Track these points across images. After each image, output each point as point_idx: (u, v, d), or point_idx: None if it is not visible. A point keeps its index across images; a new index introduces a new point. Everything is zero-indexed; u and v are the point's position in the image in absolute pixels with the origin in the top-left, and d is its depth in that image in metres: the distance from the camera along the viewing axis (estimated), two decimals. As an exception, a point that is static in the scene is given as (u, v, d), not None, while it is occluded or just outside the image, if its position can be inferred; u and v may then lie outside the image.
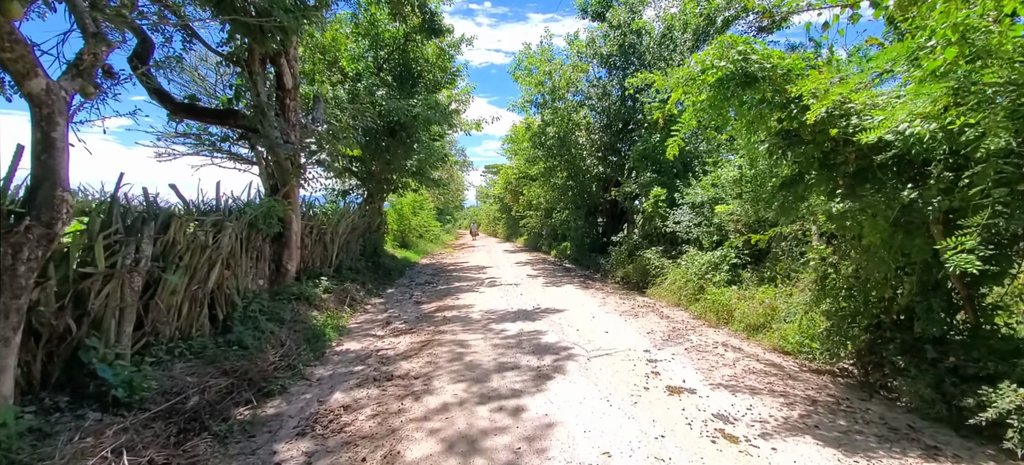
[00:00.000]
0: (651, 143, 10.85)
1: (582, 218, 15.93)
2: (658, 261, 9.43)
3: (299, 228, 8.31)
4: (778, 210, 4.58)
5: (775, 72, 4.38)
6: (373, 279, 12.57)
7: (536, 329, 6.94)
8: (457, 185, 39.04)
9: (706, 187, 8.80)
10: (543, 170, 16.45)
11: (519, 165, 19.61)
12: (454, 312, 8.46)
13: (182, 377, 4.57)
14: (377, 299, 10.25)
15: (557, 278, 12.84)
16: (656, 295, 9.09)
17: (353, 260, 12.65)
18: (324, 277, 9.42)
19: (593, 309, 8.29)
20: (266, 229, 6.83)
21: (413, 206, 24.39)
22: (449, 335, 6.76)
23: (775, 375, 4.72)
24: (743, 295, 6.82)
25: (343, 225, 11.04)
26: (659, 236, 10.48)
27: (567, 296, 9.77)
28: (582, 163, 14.34)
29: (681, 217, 9.23)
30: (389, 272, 14.55)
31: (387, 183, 15.84)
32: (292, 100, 8.51)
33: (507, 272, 14.53)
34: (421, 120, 13.31)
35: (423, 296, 10.46)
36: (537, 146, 15.02)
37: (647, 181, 10.54)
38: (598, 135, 13.84)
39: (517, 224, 32.79)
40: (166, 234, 4.60)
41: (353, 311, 8.80)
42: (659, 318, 7.36)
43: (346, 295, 9.38)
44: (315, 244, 9.81)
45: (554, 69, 14.04)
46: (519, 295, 10.01)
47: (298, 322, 7.22)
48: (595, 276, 13.25)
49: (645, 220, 11.03)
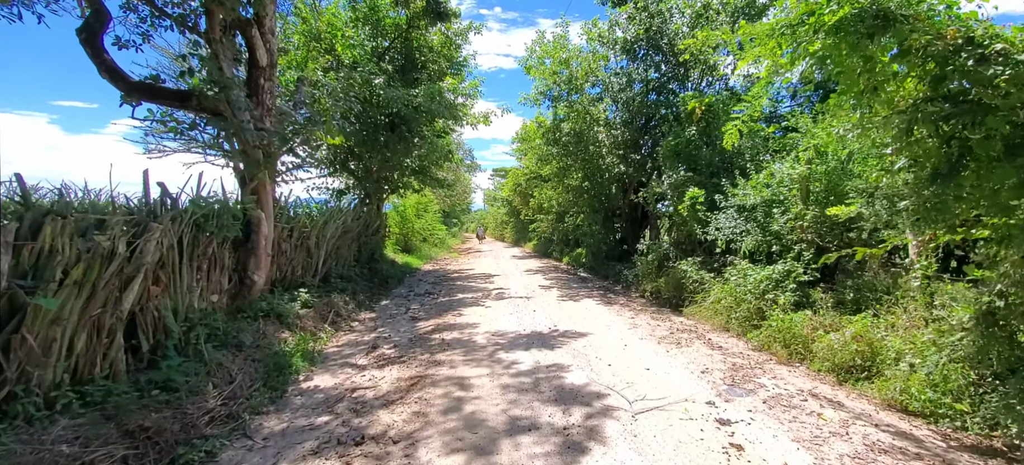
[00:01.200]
0: (684, 138, 9.40)
1: (599, 223, 14.49)
2: (697, 274, 7.96)
3: (271, 231, 6.97)
4: (926, 212, 3.12)
5: (921, 12, 2.96)
6: (367, 289, 11.22)
7: (556, 362, 5.50)
8: (463, 187, 37.72)
9: (758, 187, 7.33)
10: (556, 170, 15.04)
11: (529, 165, 18.22)
12: (455, 333, 7.06)
13: (56, 446, 3.20)
14: (368, 313, 8.88)
15: (573, 290, 11.39)
16: (696, 316, 7.61)
17: (345, 267, 11.31)
18: (304, 289, 8.07)
19: (623, 333, 6.84)
20: (217, 232, 5.48)
21: (417, 208, 23.08)
22: (446, 369, 5.35)
23: (916, 456, 3.25)
24: (821, 324, 5.34)
25: (332, 228, 9.70)
26: (695, 244, 9.00)
27: (588, 314, 8.32)
28: (601, 161, 12.91)
29: (725, 222, 7.76)
30: (387, 280, 13.20)
31: (387, 183, 14.51)
32: (267, 80, 7.18)
33: (517, 282, 13.10)
34: (423, 112, 11.97)
35: (421, 310, 9.06)
36: (551, 143, 13.61)
37: (680, 180, 9.09)
38: (619, 131, 12.40)
39: (526, 228, 31.37)
40: (37, 240, 3.24)
41: (335, 330, 7.42)
42: (709, 349, 5.89)
43: (330, 310, 8.01)
44: (296, 250, 8.47)
45: (572, 56, 12.63)
46: (532, 312, 8.58)
47: (262, 348, 5.85)
48: (616, 288, 11.78)
49: (676, 225, 9.56)
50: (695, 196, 8.50)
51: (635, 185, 14.38)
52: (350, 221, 11.32)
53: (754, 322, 6.21)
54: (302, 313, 7.35)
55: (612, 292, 11.03)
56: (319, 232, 9.25)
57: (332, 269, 10.28)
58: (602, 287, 11.86)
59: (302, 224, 8.45)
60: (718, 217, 8.02)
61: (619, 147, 12.51)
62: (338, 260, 10.92)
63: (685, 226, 9.06)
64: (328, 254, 9.92)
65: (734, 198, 7.88)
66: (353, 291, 10.14)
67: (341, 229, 10.31)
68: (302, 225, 8.46)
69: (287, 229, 8.09)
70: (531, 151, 17.41)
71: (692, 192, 8.55)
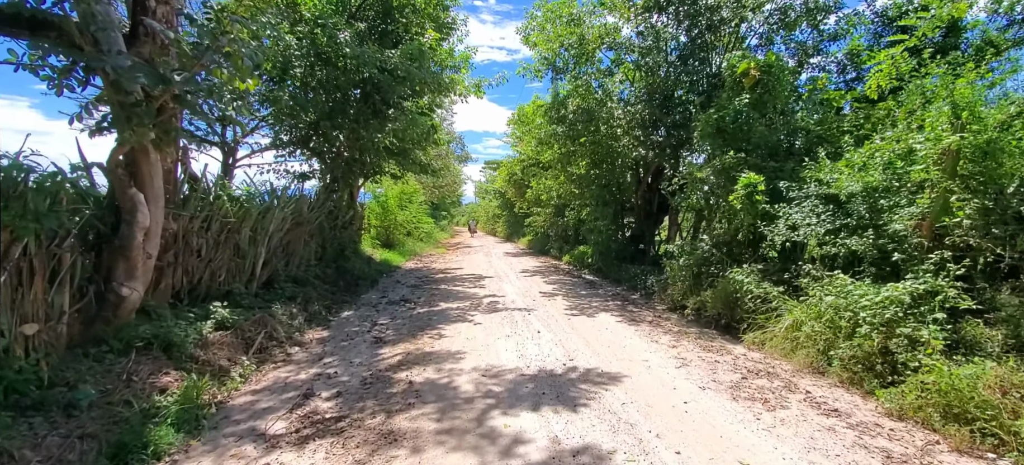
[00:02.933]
0: (731, 110, 7.31)
1: (610, 217, 12.41)
2: (758, 288, 5.88)
3: (158, 221, 4.74)
4: None
5: None
6: (329, 294, 9.03)
7: (586, 439, 3.40)
8: (453, 177, 35.45)
9: (851, 171, 5.27)
10: (559, 155, 12.90)
11: (527, 150, 16.05)
12: (429, 370, 4.91)
13: None
14: (319, 331, 6.71)
15: (582, 299, 9.29)
16: (764, 347, 5.55)
17: (301, 267, 9.11)
18: (225, 301, 5.86)
19: (671, 375, 4.76)
20: (21, 222, 3.26)
21: (400, 199, 20.84)
22: (405, 453, 3.22)
23: None
24: (1018, 385, 3.28)
25: (276, 219, 7.48)
26: (748, 246, 6.94)
27: (612, 338, 6.23)
28: (614, 144, 10.79)
29: (801, 217, 5.71)
30: (357, 282, 11.02)
31: (359, 165, 12.26)
32: (161, 3, 4.95)
33: (512, 286, 10.97)
34: (401, 78, 9.74)
35: (390, 327, 6.91)
36: (554, 121, 11.46)
37: (729, 163, 7.00)
38: (638, 107, 10.28)
39: (520, 222, 29.23)
40: None
41: (261, 363, 5.24)
42: (820, 414, 3.82)
43: (261, 330, 5.82)
44: (218, 247, 6.24)
45: (584, 13, 10.44)
46: (535, 333, 6.47)
47: (116, 406, 3.68)
48: (633, 296, 9.71)
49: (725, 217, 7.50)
50: (751, 183, 6.42)
51: (652, 172, 12.31)
52: (307, 211, 9.10)
53: (879, 369, 4.14)
54: (213, 338, 5.16)
55: (631, 303, 8.95)
56: (256, 224, 7.03)
57: (279, 272, 8.06)
58: (617, 295, 9.77)
59: (226, 213, 6.21)
60: (791, 210, 5.95)
61: (637, 126, 10.40)
62: (290, 259, 8.71)
63: (735, 221, 6.99)
64: (272, 252, 7.71)
65: (811, 185, 5.81)
66: (306, 299, 7.95)
67: (289, 222, 8.09)
68: (226, 214, 6.22)
69: (201, 219, 5.86)
70: (528, 134, 15.28)
71: (747, 178, 6.47)
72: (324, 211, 10.44)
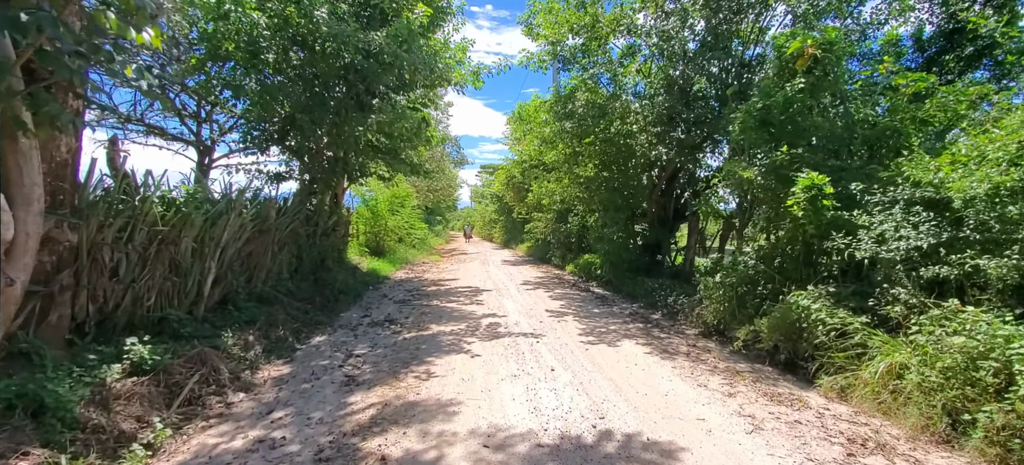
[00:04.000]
0: (782, 97, 6.06)
1: (622, 224, 11.14)
2: (831, 316, 4.61)
3: (17, 233, 3.40)
4: None
5: None
6: (300, 315, 7.70)
7: None
8: (449, 180, 34.14)
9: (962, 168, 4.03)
10: (564, 156, 11.64)
11: (528, 149, 14.77)
12: (412, 434, 3.59)
13: None
14: (277, 368, 5.37)
15: (597, 319, 8.00)
16: (853, 397, 4.27)
17: (268, 283, 7.78)
18: (143, 338, 4.50)
19: (745, 447, 3.47)
20: None
21: (391, 203, 19.50)
22: None
23: None
24: None
25: (230, 228, 6.14)
26: (806, 262, 5.68)
27: (647, 379, 4.94)
28: (631, 141, 9.53)
29: (896, 227, 4.46)
30: (338, 298, 9.69)
31: (342, 165, 10.94)
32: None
33: (514, 302, 9.67)
34: (387, 64, 8.46)
35: (366, 361, 5.58)
36: (561, 117, 10.19)
37: (780, 162, 5.75)
38: (658, 99, 9.04)
39: (518, 228, 27.94)
40: None
41: (182, 426, 3.89)
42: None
43: (194, 372, 4.48)
44: (143, 265, 4.90)
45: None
46: (548, 371, 5.17)
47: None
48: (652, 315, 8.44)
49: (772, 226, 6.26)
50: (815, 184, 5.17)
51: (668, 175, 11.07)
52: (277, 216, 7.78)
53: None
54: (120, 389, 3.82)
55: (654, 325, 7.67)
56: (202, 234, 5.69)
57: (238, 289, 6.72)
58: (635, 315, 8.48)
59: (152, 220, 4.87)
60: (873, 219, 4.70)
61: (657, 122, 9.15)
62: (255, 274, 7.38)
63: (788, 232, 5.74)
64: (227, 267, 6.37)
65: (903, 187, 4.57)
66: (270, 322, 6.63)
67: (253, 228, 6.76)
68: (153, 222, 4.88)
69: (116, 228, 4.52)
70: (530, 134, 14.04)
71: (808, 179, 5.22)
72: (300, 216, 9.12)
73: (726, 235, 9.18)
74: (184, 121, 10.93)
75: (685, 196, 11.67)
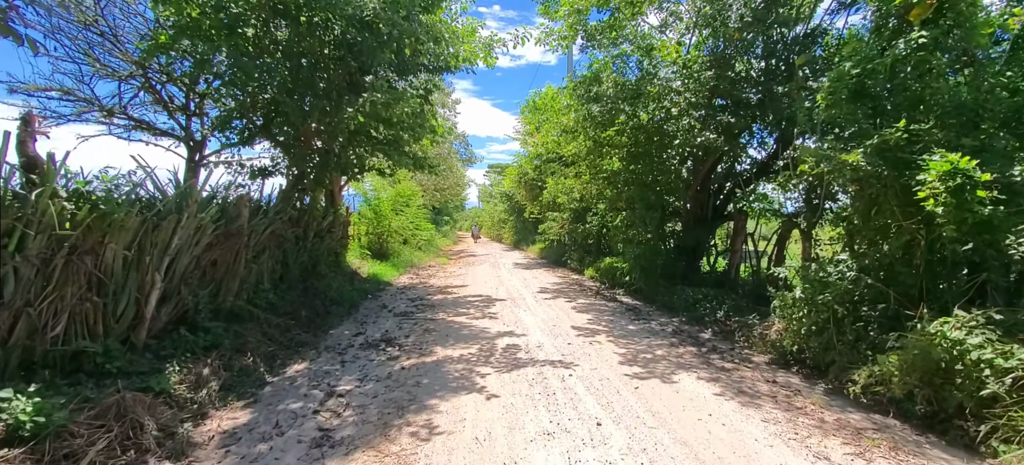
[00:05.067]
0: (891, 56, 4.64)
1: (655, 224, 9.74)
2: (1005, 356, 3.22)
3: None
4: None
5: None
6: (279, 334, 6.42)
7: None
8: (457, 179, 32.85)
9: None
10: (587, 148, 10.25)
11: (546, 140, 13.37)
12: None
13: None
14: (232, 415, 4.05)
15: (634, 338, 6.62)
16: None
17: (243, 296, 6.51)
18: (30, 390, 3.21)
19: None
20: None
21: (396, 201, 18.24)
22: None
23: None
24: None
25: (180, 232, 4.85)
26: (937, 273, 4.26)
27: (734, 442, 3.57)
28: (668, 126, 8.12)
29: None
30: (329, 310, 8.40)
31: (335, 159, 9.64)
32: None
33: (533, 315, 8.31)
34: (383, 34, 7.15)
35: (350, 405, 4.25)
36: (587, 99, 8.81)
37: (894, 142, 4.34)
38: (707, 75, 7.63)
39: (530, 229, 26.57)
40: None
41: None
42: None
43: (99, 435, 3.18)
44: (46, 282, 3.62)
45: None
46: (592, 427, 3.81)
47: None
48: (700, 332, 7.04)
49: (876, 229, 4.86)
50: (959, 168, 3.76)
51: (709, 167, 9.66)
52: (250, 216, 6.50)
53: None
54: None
55: (706, 346, 6.27)
56: (142, 240, 4.40)
57: (197, 306, 5.42)
58: (681, 333, 7.08)
59: (50, 223, 3.57)
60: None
61: (701, 104, 7.75)
62: (222, 286, 6.10)
63: (917, 234, 4.32)
64: (181, 280, 5.08)
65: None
66: (238, 347, 5.35)
67: (214, 232, 5.47)
68: (51, 225, 3.58)
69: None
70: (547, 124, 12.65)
71: (946, 160, 3.80)
72: (283, 216, 7.84)
73: (784, 238, 7.75)
74: (173, 115, 9.65)
75: (725, 192, 10.26)
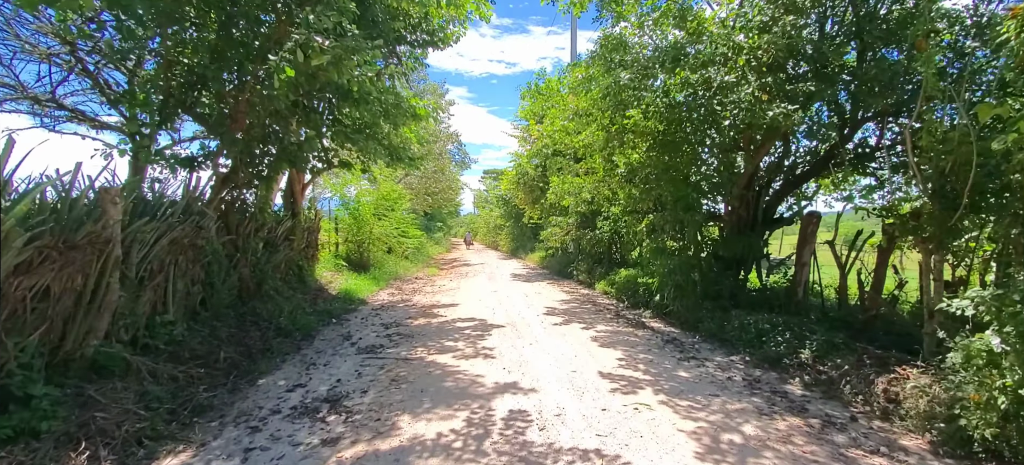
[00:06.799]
0: None
1: (693, 230, 7.66)
2: None
3: None
4: None
5: None
6: (158, 398, 4.19)
7: None
8: (450, 182, 30.68)
9: None
10: (604, 136, 8.16)
11: (552, 130, 11.26)
12: None
13: None
14: None
15: (694, 396, 4.51)
16: None
17: (120, 333, 4.34)
18: None
19: None
20: None
21: (378, 205, 16.07)
22: None
23: None
24: None
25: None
26: None
27: None
28: (719, 99, 6.05)
29: None
30: (267, 346, 6.18)
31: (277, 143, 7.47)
32: None
33: (543, 352, 6.17)
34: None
35: None
36: (613, 66, 6.74)
37: None
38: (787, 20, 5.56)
39: (529, 235, 24.46)
40: None
41: None
42: None
43: None
44: None
45: None
46: None
47: None
48: (786, 384, 4.94)
49: None
50: None
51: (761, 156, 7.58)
52: (130, 223, 4.35)
53: None
54: None
55: (820, 417, 4.17)
56: None
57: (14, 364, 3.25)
58: (755, 384, 4.97)
59: None
60: None
61: (771, 67, 5.70)
62: (71, 327, 3.93)
63: None
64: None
65: None
66: (63, 436, 3.18)
67: (33, 248, 3.32)
68: None
69: None
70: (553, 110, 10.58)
71: None
72: (195, 222, 5.68)
73: (888, 251, 5.66)
74: (112, 103, 7.33)
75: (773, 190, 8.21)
